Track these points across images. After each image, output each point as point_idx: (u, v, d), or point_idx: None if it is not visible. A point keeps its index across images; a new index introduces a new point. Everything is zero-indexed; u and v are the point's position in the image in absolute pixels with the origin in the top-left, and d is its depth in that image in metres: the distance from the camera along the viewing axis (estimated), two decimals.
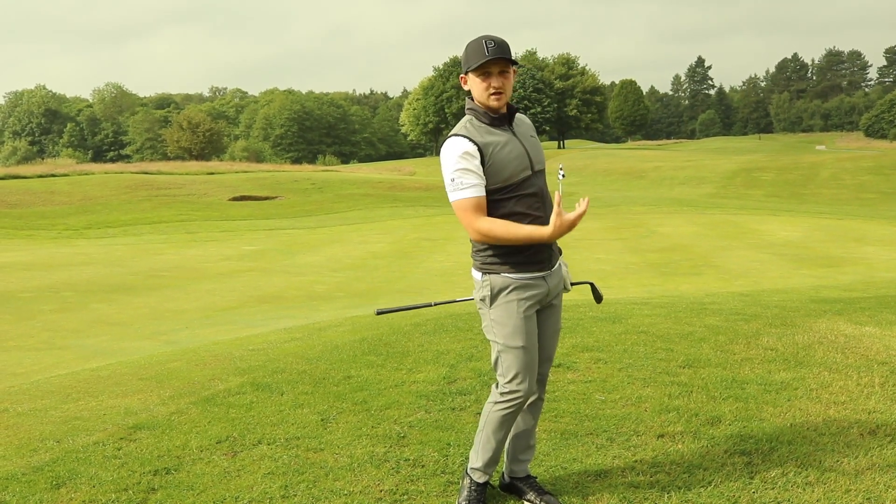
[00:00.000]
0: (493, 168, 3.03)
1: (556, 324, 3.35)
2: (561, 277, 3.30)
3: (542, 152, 3.28)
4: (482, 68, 3.01)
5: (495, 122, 3.11)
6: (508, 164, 3.06)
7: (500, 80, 3.03)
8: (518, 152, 3.10)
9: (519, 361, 3.12)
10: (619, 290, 11.79)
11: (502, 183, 3.05)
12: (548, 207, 3.15)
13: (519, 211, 3.08)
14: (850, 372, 4.97)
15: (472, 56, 3.02)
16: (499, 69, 3.03)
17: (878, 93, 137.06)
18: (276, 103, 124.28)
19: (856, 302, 8.44)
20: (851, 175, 47.29)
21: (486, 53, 2.97)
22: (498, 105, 3.07)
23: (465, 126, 3.10)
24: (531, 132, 3.27)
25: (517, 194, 3.08)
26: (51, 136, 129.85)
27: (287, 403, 4.68)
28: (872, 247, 17.94)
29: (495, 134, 3.08)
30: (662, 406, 4.34)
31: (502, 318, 3.14)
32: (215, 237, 25.99)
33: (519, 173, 3.08)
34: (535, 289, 3.15)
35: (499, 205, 3.07)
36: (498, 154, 3.05)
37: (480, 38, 3.04)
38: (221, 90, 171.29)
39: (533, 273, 3.14)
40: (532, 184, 3.12)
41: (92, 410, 4.81)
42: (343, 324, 7.92)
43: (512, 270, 3.12)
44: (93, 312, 11.16)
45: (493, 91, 3.03)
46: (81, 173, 47.48)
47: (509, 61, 3.04)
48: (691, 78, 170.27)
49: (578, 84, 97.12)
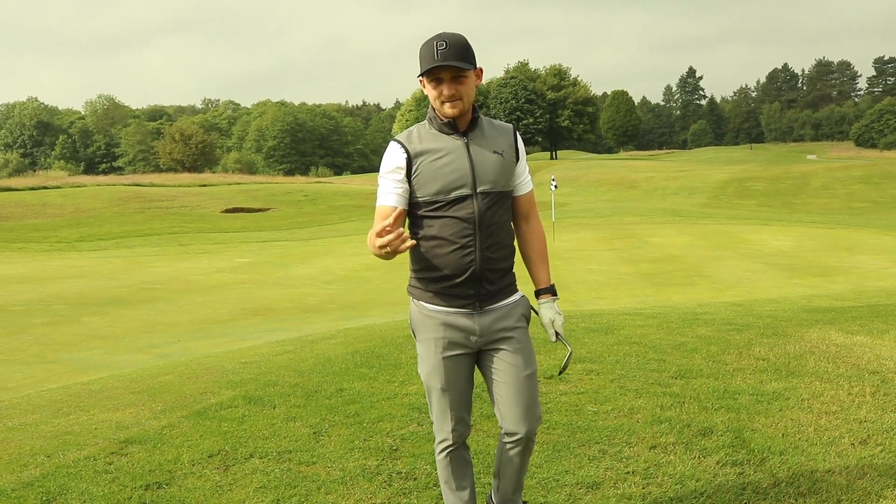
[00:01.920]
0: (419, 179, 2.70)
1: (517, 369, 2.81)
2: (507, 317, 2.82)
3: (508, 174, 2.81)
4: (432, 74, 2.66)
5: (444, 128, 2.75)
6: (438, 177, 2.69)
7: (454, 86, 2.66)
8: (457, 166, 2.70)
9: (438, 404, 2.84)
10: (612, 301, 11.81)
11: (429, 197, 2.70)
12: (488, 240, 2.72)
13: (441, 236, 2.70)
14: (841, 381, 4.99)
15: (422, 59, 2.66)
16: (452, 74, 2.66)
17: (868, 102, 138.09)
18: (269, 115, 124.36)
19: (847, 311, 8.47)
20: (842, 184, 47.55)
21: (436, 57, 2.60)
22: (454, 113, 2.69)
23: (409, 132, 2.80)
24: (502, 147, 2.81)
25: (445, 215, 2.70)
26: (43, 148, 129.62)
27: (279, 417, 4.67)
28: (864, 256, 18.01)
29: (440, 141, 2.74)
30: (654, 417, 4.34)
31: (423, 354, 2.85)
32: (208, 249, 25.94)
33: (451, 190, 2.69)
34: (456, 329, 2.77)
35: (422, 223, 2.75)
36: (430, 164, 2.70)
37: (432, 39, 2.65)
38: (214, 102, 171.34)
39: (453, 308, 2.77)
40: (467, 206, 2.69)
41: (83, 425, 4.79)
42: (335, 336, 7.91)
43: (430, 300, 2.80)
44: (84, 326, 11.12)
45: (445, 99, 2.68)
46: (73, 185, 47.41)
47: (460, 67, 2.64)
48: (682, 88, 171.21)
49: (570, 95, 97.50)
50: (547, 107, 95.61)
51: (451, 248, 2.70)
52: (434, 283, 2.77)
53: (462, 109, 2.69)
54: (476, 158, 2.73)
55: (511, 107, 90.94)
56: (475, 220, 2.70)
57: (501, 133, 2.85)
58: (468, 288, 2.74)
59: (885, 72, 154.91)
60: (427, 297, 2.80)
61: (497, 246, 2.76)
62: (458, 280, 2.73)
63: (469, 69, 2.67)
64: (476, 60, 2.72)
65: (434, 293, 2.78)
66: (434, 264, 2.74)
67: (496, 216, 2.75)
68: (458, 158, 2.72)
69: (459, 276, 2.72)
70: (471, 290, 2.74)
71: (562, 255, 18.46)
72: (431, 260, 2.73)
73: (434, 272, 2.76)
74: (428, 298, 2.80)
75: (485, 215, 2.71)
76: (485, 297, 2.77)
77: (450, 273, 2.73)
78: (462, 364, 2.83)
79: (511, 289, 2.87)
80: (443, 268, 2.73)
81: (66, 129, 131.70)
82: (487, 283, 2.75)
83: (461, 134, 2.75)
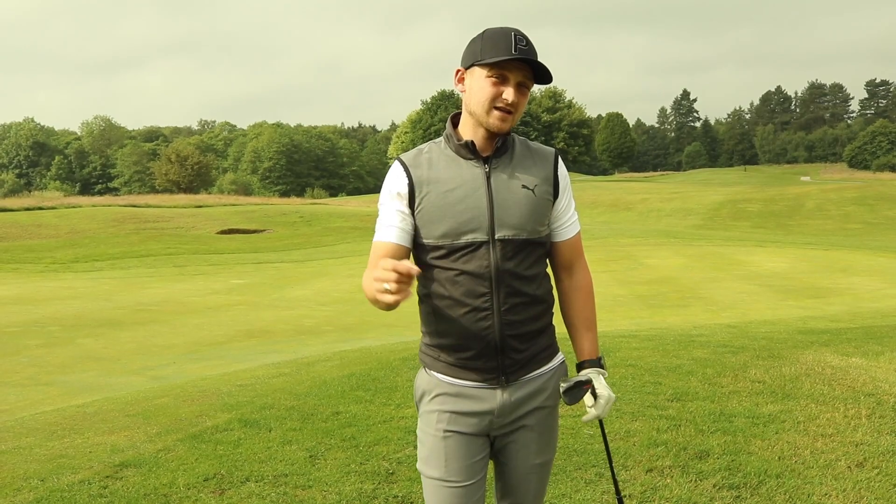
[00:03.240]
0: (422, 214, 2.13)
1: (532, 456, 2.25)
2: (539, 393, 2.22)
3: (540, 216, 2.18)
4: (500, 67, 2.07)
5: (461, 150, 2.16)
6: (446, 216, 2.11)
7: (517, 94, 2.09)
8: (471, 203, 2.11)
9: (431, 497, 2.20)
10: (608, 323, 11.81)
11: (433, 240, 2.13)
12: (510, 300, 2.13)
13: (449, 293, 2.12)
14: (836, 404, 5.00)
15: (490, 46, 2.07)
16: (520, 78, 2.09)
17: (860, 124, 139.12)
18: (265, 136, 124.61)
19: (842, 333, 8.50)
20: (836, 206, 47.76)
21: (513, 50, 2.04)
22: (504, 127, 2.11)
23: (419, 151, 2.24)
24: (535, 181, 2.18)
25: (452, 267, 2.11)
26: (38, 168, 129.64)
27: (275, 440, 4.66)
28: (858, 277, 18.06)
29: (454, 167, 2.16)
30: (651, 440, 4.34)
31: (422, 432, 2.24)
32: (203, 271, 25.90)
33: (459, 234, 2.10)
34: (471, 402, 2.16)
35: (428, 273, 2.17)
36: (437, 197, 2.12)
37: (506, 29, 2.09)
38: (210, 123, 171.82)
39: (469, 382, 2.17)
40: (481, 257, 2.10)
41: (77, 448, 4.77)
42: (332, 359, 7.90)
43: (443, 371, 2.21)
44: (79, 347, 11.08)
45: (502, 106, 2.09)
46: (69, 206, 47.37)
47: (537, 72, 2.11)
48: (677, 111, 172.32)
49: (565, 117, 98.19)
50: (542, 129, 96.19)
51: (463, 311, 2.12)
52: (447, 353, 2.19)
53: (510, 127, 2.14)
54: (498, 195, 2.13)
55: None
56: (491, 274, 2.11)
57: (538, 161, 2.23)
58: (487, 360, 2.15)
59: (876, 94, 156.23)
60: (440, 367, 2.22)
61: (524, 306, 2.16)
62: (475, 351, 2.14)
63: (538, 82, 2.16)
64: None
65: (448, 364, 2.20)
66: (444, 329, 2.17)
67: (521, 269, 2.15)
68: (474, 193, 2.12)
69: (474, 346, 2.14)
70: (491, 362, 2.15)
71: None
72: (441, 323, 2.17)
73: (445, 338, 2.18)
74: (441, 369, 2.21)
75: (504, 269, 2.12)
76: (512, 369, 2.17)
77: (463, 342, 2.15)
78: (472, 448, 2.19)
79: (549, 353, 2.27)
80: (454, 334, 2.15)
81: (63, 150, 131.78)
82: (513, 353, 2.15)
83: (483, 160, 2.16)
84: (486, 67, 2.09)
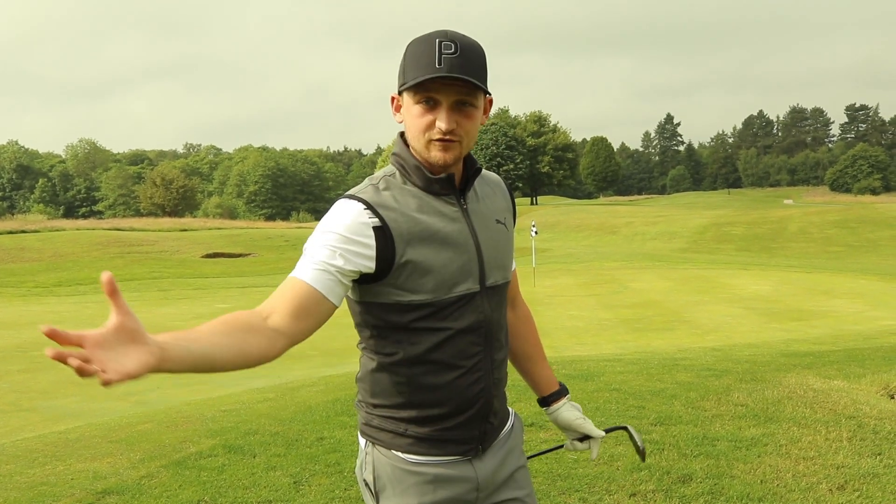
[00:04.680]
0: (406, 273, 1.71)
1: None
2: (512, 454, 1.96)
3: (511, 249, 1.94)
4: (425, 90, 1.67)
5: (433, 185, 1.76)
6: (434, 268, 1.72)
7: (455, 117, 1.69)
8: (459, 249, 1.76)
9: None
10: (593, 347, 11.84)
11: (420, 298, 1.73)
12: (498, 354, 1.87)
13: (436, 358, 1.77)
14: (818, 427, 5.03)
15: (412, 64, 1.68)
16: (455, 97, 1.68)
17: (841, 148, 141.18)
18: (251, 160, 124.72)
19: (825, 355, 8.56)
20: (819, 228, 48.20)
21: (438, 64, 1.63)
22: (445, 160, 1.71)
23: (376, 189, 1.76)
24: (502, 213, 1.92)
25: (441, 326, 1.75)
26: (22, 191, 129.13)
27: (259, 466, 4.64)
28: (841, 300, 18.21)
29: (428, 207, 1.76)
30: (634, 464, 4.36)
31: None
32: (188, 295, 25.77)
33: (451, 287, 1.75)
34: (451, 484, 1.82)
35: (401, 338, 1.77)
36: (420, 248, 1.71)
37: (433, 36, 1.67)
38: (196, 147, 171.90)
39: (443, 457, 1.83)
40: (475, 309, 1.79)
41: (59, 475, 4.73)
42: (316, 384, 7.87)
43: (409, 448, 1.82)
44: (62, 372, 10.97)
45: (438, 136, 1.69)
46: (52, 230, 47.14)
47: (476, 85, 1.68)
48: (661, 135, 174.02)
49: (550, 141, 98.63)
50: (527, 153, 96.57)
51: (454, 375, 1.78)
52: (420, 425, 1.82)
53: (458, 156, 1.73)
54: (481, 234, 1.82)
55: (492, 153, 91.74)
56: (486, 328, 1.82)
57: (496, 189, 1.95)
58: (472, 428, 1.84)
59: (856, 118, 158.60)
60: (404, 443, 1.82)
61: (503, 360, 1.93)
62: (462, 419, 1.82)
63: (483, 94, 1.74)
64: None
65: (418, 438, 1.82)
66: (423, 399, 1.80)
67: (502, 318, 1.91)
68: (459, 235, 1.78)
69: (463, 413, 1.81)
70: (474, 430, 1.85)
71: (542, 301, 18.51)
72: (419, 393, 1.79)
73: (423, 410, 1.81)
74: (405, 446, 1.82)
75: (494, 318, 1.85)
76: (489, 435, 1.89)
77: (449, 410, 1.80)
78: None
79: (508, 412, 2.02)
80: (439, 403, 1.80)
81: (46, 173, 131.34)
82: (493, 416, 1.87)
83: (457, 194, 1.81)
84: (411, 92, 1.69)
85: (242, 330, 1.60)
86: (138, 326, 1.31)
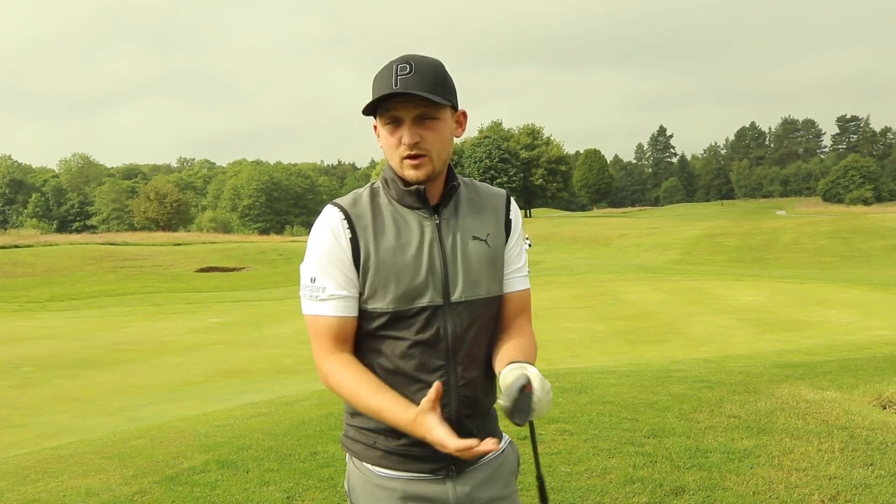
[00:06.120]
0: (367, 278, 1.81)
1: None
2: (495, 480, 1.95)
3: (499, 269, 1.92)
4: (387, 110, 1.78)
5: (406, 198, 1.85)
6: (395, 278, 1.79)
7: (418, 131, 1.77)
8: (423, 262, 1.81)
9: None
10: (587, 359, 11.85)
11: (380, 307, 1.81)
12: (468, 373, 1.85)
13: (397, 368, 1.81)
14: (811, 438, 5.05)
15: (375, 90, 1.79)
16: (415, 112, 1.77)
17: (833, 159, 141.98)
18: (244, 174, 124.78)
19: (818, 366, 8.59)
20: (811, 239, 48.41)
21: (394, 85, 1.73)
22: (417, 176, 1.80)
23: (357, 197, 1.91)
24: (487, 229, 1.90)
25: (401, 336, 1.80)
26: (15, 206, 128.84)
27: (252, 481, 4.63)
28: (833, 310, 18.28)
29: (400, 219, 1.85)
30: (627, 477, 4.36)
31: None
32: (181, 309, 25.72)
33: (411, 299, 1.80)
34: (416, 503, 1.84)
35: (368, 344, 1.85)
36: (383, 257, 1.80)
37: (392, 62, 1.79)
38: (189, 161, 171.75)
39: (413, 474, 1.84)
40: (435, 325, 1.81)
41: (51, 492, 4.71)
42: (310, 398, 7.87)
43: (378, 462, 1.85)
44: (54, 388, 10.94)
45: (406, 152, 1.78)
46: (46, 244, 47.02)
47: (430, 100, 1.76)
48: (654, 146, 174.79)
49: (543, 153, 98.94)
50: (521, 165, 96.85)
51: (415, 388, 1.79)
52: (388, 438, 1.84)
53: (431, 172, 1.80)
54: (449, 249, 1.84)
55: (485, 166, 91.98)
56: (447, 345, 1.82)
57: (489, 204, 1.94)
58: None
59: (847, 129, 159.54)
60: (374, 456, 1.86)
61: (480, 378, 1.89)
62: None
63: (443, 105, 1.80)
64: (458, 99, 1.86)
65: (386, 452, 1.84)
66: None
67: (478, 336, 1.88)
68: (425, 249, 1.82)
69: None
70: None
71: (536, 314, 18.37)
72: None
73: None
74: (375, 459, 1.86)
75: (463, 338, 1.84)
76: (462, 458, 1.76)
77: None
78: None
79: (497, 435, 1.97)
80: None
81: (40, 188, 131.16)
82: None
83: (431, 210, 1.86)
84: (378, 115, 1.81)
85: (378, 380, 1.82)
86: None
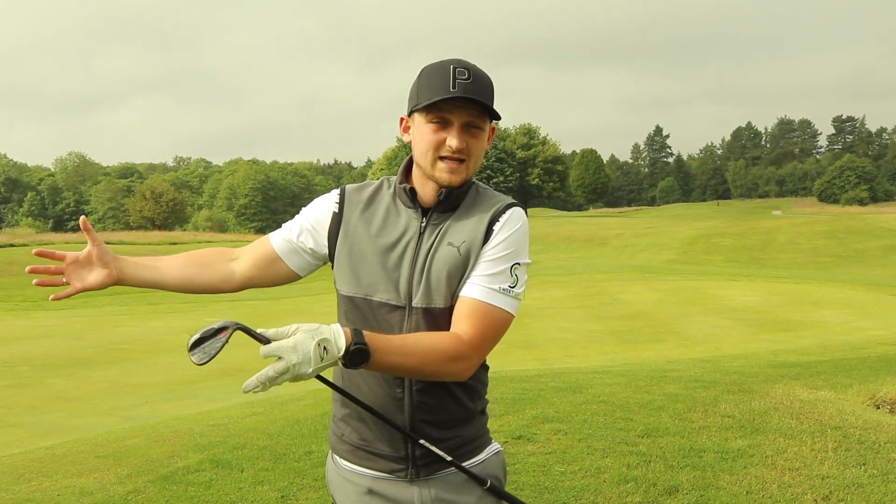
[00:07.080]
0: (340, 258, 1.88)
1: None
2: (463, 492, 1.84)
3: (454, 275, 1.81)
4: (439, 109, 1.77)
5: (402, 196, 1.89)
6: (364, 266, 1.83)
7: (466, 138, 1.78)
8: (394, 259, 1.82)
9: None
10: (582, 359, 11.86)
11: (346, 291, 1.86)
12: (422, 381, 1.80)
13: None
14: (804, 437, 5.07)
15: (426, 86, 1.78)
16: (466, 119, 1.78)
17: (829, 159, 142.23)
18: (241, 173, 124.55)
19: (812, 366, 8.61)
20: (807, 239, 48.46)
21: (452, 87, 1.73)
22: (453, 181, 1.80)
23: (365, 185, 1.97)
24: (465, 237, 1.82)
25: (364, 327, 1.73)
26: (10, 205, 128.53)
27: (247, 480, 4.63)
28: (829, 310, 18.31)
29: (392, 213, 1.88)
30: (621, 476, 4.37)
31: None
32: (177, 308, 25.70)
33: (368, 291, 1.82)
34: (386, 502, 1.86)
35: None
36: (359, 242, 1.86)
37: (446, 63, 1.78)
38: (186, 160, 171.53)
39: (378, 472, 1.86)
40: (395, 324, 1.81)
41: (45, 492, 4.70)
42: (305, 397, 7.86)
43: (347, 456, 1.91)
44: (49, 388, 10.93)
45: (447, 153, 1.78)
46: (41, 243, 46.88)
47: (487, 109, 1.78)
48: (650, 146, 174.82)
49: (540, 153, 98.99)
50: (517, 165, 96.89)
51: (374, 383, 1.82)
52: (352, 432, 1.89)
53: (465, 178, 1.83)
54: (423, 253, 1.82)
55: (482, 165, 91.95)
56: None
57: (483, 211, 1.87)
58: (398, 447, 1.84)
59: (843, 130, 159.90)
60: (342, 449, 1.91)
61: (444, 388, 1.83)
62: (385, 433, 1.83)
63: (489, 120, 1.84)
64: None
65: (352, 446, 1.89)
66: (352, 405, 1.84)
67: None
68: (400, 247, 1.83)
69: (385, 427, 1.81)
70: (402, 449, 1.84)
71: (532, 314, 18.53)
72: (349, 397, 1.78)
73: (352, 417, 1.89)
74: (344, 453, 1.91)
75: None
76: (424, 461, 1.83)
77: (372, 421, 1.83)
78: None
79: (473, 447, 1.90)
80: (359, 409, 1.82)
81: (35, 186, 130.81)
82: (428, 440, 1.79)
83: (422, 212, 1.86)
84: (424, 112, 1.79)
85: (201, 265, 2.00)
86: (106, 253, 1.88)
